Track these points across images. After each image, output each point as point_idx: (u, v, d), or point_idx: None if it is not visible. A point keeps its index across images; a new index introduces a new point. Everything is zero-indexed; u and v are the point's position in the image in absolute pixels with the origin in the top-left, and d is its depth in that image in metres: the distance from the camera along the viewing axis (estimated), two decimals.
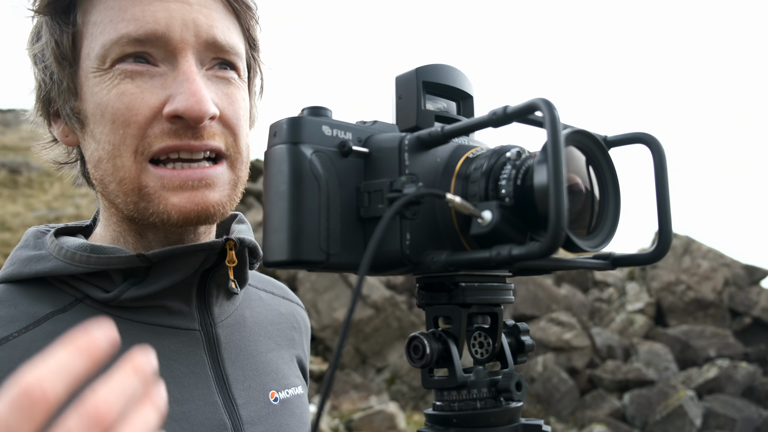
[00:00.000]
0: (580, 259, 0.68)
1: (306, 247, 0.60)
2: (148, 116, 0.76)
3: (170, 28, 0.76)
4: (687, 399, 9.95)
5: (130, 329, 0.81)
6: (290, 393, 0.95)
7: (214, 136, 0.79)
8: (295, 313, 1.10)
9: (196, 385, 0.82)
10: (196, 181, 0.78)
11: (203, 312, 0.88)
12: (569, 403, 10.43)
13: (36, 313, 0.78)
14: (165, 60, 0.78)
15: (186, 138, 0.77)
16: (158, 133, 0.76)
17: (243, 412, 0.85)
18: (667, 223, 0.64)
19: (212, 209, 0.79)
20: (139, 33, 0.75)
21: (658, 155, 0.66)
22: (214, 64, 0.82)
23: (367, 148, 0.65)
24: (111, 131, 0.77)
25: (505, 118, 0.56)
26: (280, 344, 1.00)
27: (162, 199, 0.77)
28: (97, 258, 0.80)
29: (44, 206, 15.95)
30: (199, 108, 0.75)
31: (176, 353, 0.82)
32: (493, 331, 0.70)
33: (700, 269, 12.66)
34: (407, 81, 0.71)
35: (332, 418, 8.57)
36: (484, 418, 0.64)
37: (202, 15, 0.78)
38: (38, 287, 0.82)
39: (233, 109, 0.82)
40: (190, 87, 0.75)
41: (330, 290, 10.83)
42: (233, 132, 0.82)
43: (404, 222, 0.61)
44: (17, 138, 22.20)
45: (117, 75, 0.76)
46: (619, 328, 12.22)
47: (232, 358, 0.88)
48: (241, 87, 0.85)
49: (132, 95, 0.76)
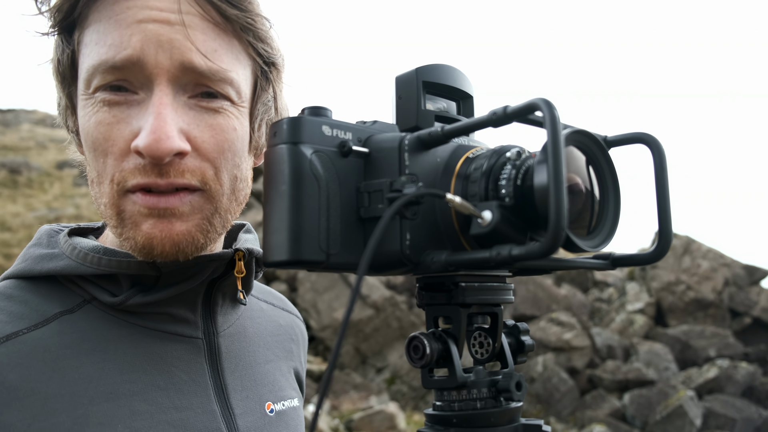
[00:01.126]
0: (580, 259, 0.68)
1: (306, 247, 0.60)
2: (123, 149, 0.74)
3: (144, 52, 0.72)
4: (687, 399, 9.95)
5: (135, 334, 0.81)
6: (286, 405, 0.95)
7: (184, 174, 0.74)
8: (294, 325, 1.10)
9: (196, 393, 0.82)
10: (161, 209, 0.74)
11: (207, 321, 0.88)
12: (569, 403, 10.43)
13: (45, 311, 0.79)
14: (143, 86, 0.74)
15: (153, 175, 0.73)
16: (132, 168, 0.74)
17: (240, 421, 0.85)
18: (667, 223, 0.64)
19: (177, 238, 0.75)
20: (115, 60, 0.72)
21: (658, 155, 0.66)
22: (198, 92, 0.76)
23: (367, 148, 0.65)
24: (93, 158, 0.76)
25: (505, 118, 0.56)
26: (278, 356, 1.00)
27: (135, 225, 0.75)
28: (108, 260, 0.80)
29: (44, 206, 15.94)
30: (157, 147, 0.70)
31: (178, 360, 0.83)
32: (493, 331, 0.70)
33: (700, 269, 12.66)
34: (407, 81, 0.71)
35: (332, 418, 8.57)
36: (484, 418, 0.64)
37: (180, 35, 0.73)
38: (48, 286, 0.82)
39: (215, 141, 0.77)
40: (153, 123, 0.71)
41: (330, 290, 10.83)
42: (213, 165, 0.77)
43: (404, 222, 0.61)
44: (17, 138, 22.18)
45: (97, 102, 0.75)
46: (619, 328, 12.22)
47: (231, 368, 0.88)
48: (233, 115, 0.79)
49: (108, 125, 0.74)
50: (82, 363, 0.76)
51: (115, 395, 0.76)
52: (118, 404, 0.76)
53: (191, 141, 0.75)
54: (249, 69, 0.82)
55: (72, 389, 0.74)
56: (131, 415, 0.76)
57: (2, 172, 17.99)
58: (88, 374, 0.76)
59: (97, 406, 0.74)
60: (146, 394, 0.78)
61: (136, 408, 0.77)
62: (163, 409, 0.78)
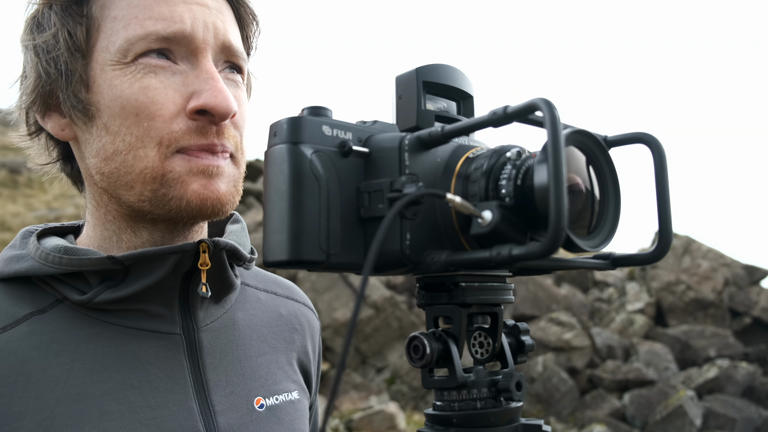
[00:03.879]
0: (580, 259, 0.68)
1: (306, 247, 0.60)
2: (173, 111, 0.78)
3: (195, 29, 0.79)
4: (687, 399, 9.95)
5: (107, 332, 0.80)
6: (280, 399, 0.92)
7: (231, 137, 0.82)
8: (299, 313, 1.06)
9: (172, 390, 0.81)
10: (214, 167, 0.80)
11: (186, 316, 0.86)
12: (569, 403, 10.43)
13: (15, 313, 0.78)
14: (185, 59, 0.80)
15: (211, 136, 0.79)
16: (184, 129, 0.78)
17: (221, 419, 0.83)
18: (667, 223, 0.64)
19: (224, 198, 0.81)
20: (167, 32, 0.78)
21: (659, 155, 0.66)
22: (225, 67, 0.85)
23: (368, 148, 0.65)
24: (134, 123, 0.78)
25: (505, 118, 0.56)
26: (275, 347, 0.97)
27: (184, 185, 0.78)
28: (68, 259, 0.79)
29: (44, 206, 15.95)
30: (226, 105, 0.78)
31: (153, 357, 0.81)
32: (493, 331, 0.70)
33: (700, 269, 12.66)
34: (407, 81, 0.71)
35: (332, 418, 8.57)
36: (484, 418, 0.64)
37: (219, 20, 0.82)
38: (22, 287, 0.82)
39: (241, 111, 0.86)
40: (216, 84, 0.78)
41: (330, 290, 10.83)
42: (240, 133, 0.85)
43: (404, 222, 0.61)
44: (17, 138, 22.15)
45: (140, 69, 0.78)
46: (619, 328, 12.22)
47: (214, 363, 0.87)
48: (244, 90, 0.89)
49: (156, 89, 0.78)
50: (49, 364, 0.75)
51: (84, 396, 0.75)
52: (86, 405, 0.74)
53: None
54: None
55: (37, 392, 0.73)
56: (100, 415, 0.74)
57: (2, 172, 18.00)
58: (56, 375, 0.75)
59: (63, 408, 0.73)
60: (118, 394, 0.77)
61: (106, 408, 0.75)
62: (135, 408, 0.77)
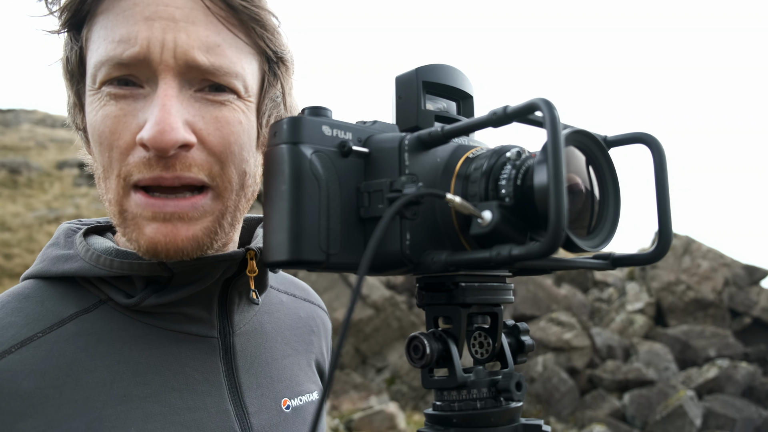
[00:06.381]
0: (580, 259, 0.68)
1: (306, 247, 0.60)
2: (129, 141, 0.74)
3: (150, 50, 0.72)
4: (687, 399, 9.95)
5: (149, 334, 0.82)
6: (304, 400, 0.95)
7: (191, 167, 0.74)
8: (315, 315, 1.09)
9: (209, 393, 0.82)
10: (168, 214, 0.73)
11: (224, 320, 0.88)
12: (569, 403, 10.43)
13: (61, 312, 0.80)
14: (149, 80, 0.74)
15: (158, 169, 0.72)
16: (137, 162, 0.73)
17: (254, 420, 0.85)
18: (667, 223, 0.64)
19: (181, 244, 0.74)
20: (122, 57, 0.72)
21: (658, 155, 0.66)
22: (205, 86, 0.76)
23: (367, 148, 0.65)
24: (100, 153, 0.76)
25: (505, 118, 0.56)
26: (297, 350, 1.00)
27: (137, 227, 0.75)
28: (120, 263, 0.80)
29: (44, 206, 15.93)
30: (161, 138, 0.70)
31: (192, 360, 0.83)
32: (493, 331, 0.70)
33: (700, 269, 12.66)
34: (407, 81, 0.71)
35: (332, 418, 8.57)
36: (484, 418, 0.64)
37: (184, 33, 0.73)
38: (66, 285, 0.83)
39: (221, 134, 0.76)
40: (157, 114, 0.71)
41: (330, 290, 10.82)
42: (220, 159, 0.76)
43: (404, 222, 0.61)
44: (17, 138, 22.18)
45: (104, 96, 0.75)
46: (619, 328, 12.22)
47: (246, 366, 0.89)
48: (239, 109, 0.78)
49: (115, 118, 0.74)
50: (96, 366, 0.77)
51: (129, 398, 0.77)
52: (131, 407, 0.76)
53: (197, 133, 0.74)
54: (256, 63, 0.81)
55: (86, 394, 0.75)
56: (144, 417, 0.76)
57: (2, 172, 17.99)
58: (102, 378, 0.77)
59: (110, 410, 0.75)
60: (160, 396, 0.78)
61: (150, 410, 0.77)
62: (176, 410, 0.79)
